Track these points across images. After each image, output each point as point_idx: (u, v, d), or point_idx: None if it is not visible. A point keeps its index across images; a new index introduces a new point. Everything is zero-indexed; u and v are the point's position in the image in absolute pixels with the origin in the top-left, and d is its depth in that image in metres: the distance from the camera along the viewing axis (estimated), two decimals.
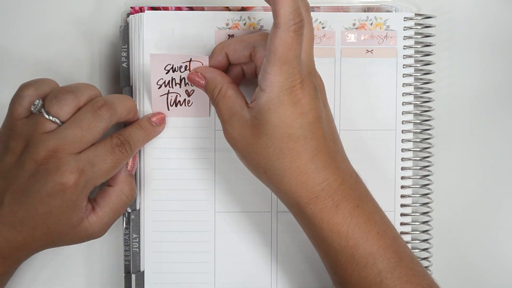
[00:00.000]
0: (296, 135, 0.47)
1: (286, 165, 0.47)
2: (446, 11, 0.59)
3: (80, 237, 0.51)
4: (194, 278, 0.57)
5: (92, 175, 0.50)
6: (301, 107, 0.47)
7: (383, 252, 0.47)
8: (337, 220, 0.47)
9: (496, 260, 0.60)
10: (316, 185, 0.47)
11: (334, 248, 0.48)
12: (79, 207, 0.50)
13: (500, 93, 0.60)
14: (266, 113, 0.47)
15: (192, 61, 0.54)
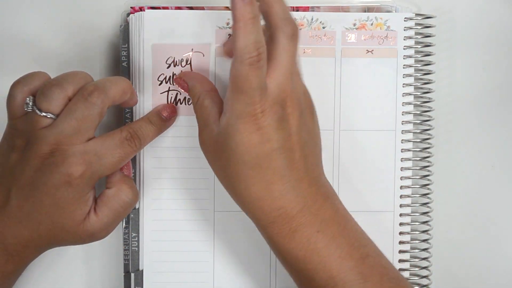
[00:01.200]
0: (252, 163, 0.47)
1: (242, 188, 0.48)
2: (446, 11, 0.59)
3: (81, 236, 0.51)
4: (193, 277, 0.57)
5: (99, 167, 0.50)
6: (260, 136, 0.46)
7: (344, 275, 0.47)
8: (293, 245, 0.47)
9: (496, 260, 0.60)
10: (272, 211, 0.47)
11: (293, 269, 0.48)
12: (84, 200, 0.50)
13: (500, 93, 0.60)
14: (224, 136, 0.47)
15: (193, 52, 0.54)
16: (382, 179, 0.57)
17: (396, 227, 0.57)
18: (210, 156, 0.50)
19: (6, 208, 0.49)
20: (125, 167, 0.54)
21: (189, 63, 0.56)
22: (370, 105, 0.57)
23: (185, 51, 0.56)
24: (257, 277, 0.57)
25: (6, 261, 0.50)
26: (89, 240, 0.52)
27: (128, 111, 0.56)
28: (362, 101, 0.57)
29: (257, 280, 0.57)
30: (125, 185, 0.52)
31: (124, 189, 0.52)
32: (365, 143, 0.57)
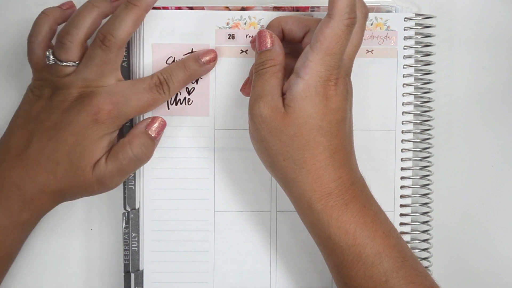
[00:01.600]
0: (326, 129, 0.48)
1: (307, 156, 0.48)
2: (446, 11, 0.59)
3: (91, 182, 0.51)
4: (193, 277, 0.57)
5: (125, 109, 0.51)
6: (332, 103, 0.48)
7: (389, 251, 0.48)
8: (345, 218, 0.48)
9: (496, 260, 0.60)
10: (330, 182, 0.48)
11: (340, 247, 0.48)
12: (105, 141, 0.51)
13: (500, 93, 0.60)
14: (302, 100, 0.48)
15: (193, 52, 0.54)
16: (382, 179, 0.57)
17: (397, 226, 0.57)
18: (269, 128, 0.49)
19: (26, 152, 0.50)
20: (151, 125, 0.54)
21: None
22: (370, 105, 0.57)
23: (185, 51, 0.56)
24: (257, 277, 0.57)
25: (21, 209, 0.50)
26: (98, 188, 0.52)
27: None
28: (362, 101, 0.57)
29: (257, 280, 0.57)
30: (137, 140, 0.53)
31: (134, 143, 0.52)
32: (365, 143, 0.57)
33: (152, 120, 0.54)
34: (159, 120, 0.54)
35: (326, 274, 0.57)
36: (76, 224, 0.59)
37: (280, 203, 0.57)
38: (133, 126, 0.55)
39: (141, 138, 0.53)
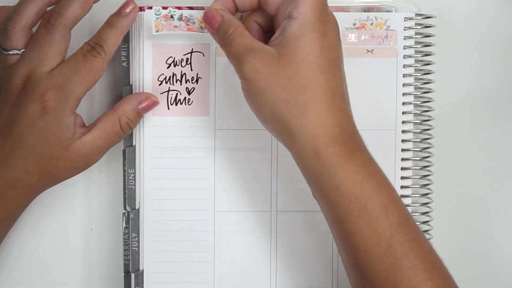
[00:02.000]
0: (324, 67, 0.47)
1: (309, 98, 0.47)
2: (446, 11, 0.59)
3: (73, 160, 0.50)
4: (193, 277, 0.57)
5: (71, 87, 0.50)
6: (329, 40, 0.47)
7: (394, 205, 0.47)
8: (352, 166, 0.47)
9: (496, 260, 0.60)
10: (335, 126, 0.47)
11: (347, 197, 0.46)
12: (66, 124, 0.50)
13: (500, 93, 0.60)
14: (298, 38, 0.47)
15: (193, 52, 0.54)
16: None
17: None
18: (266, 76, 0.47)
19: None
20: (143, 103, 0.53)
21: (189, 63, 0.56)
22: (370, 105, 0.57)
23: (185, 51, 0.56)
24: (258, 277, 0.57)
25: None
26: (83, 165, 0.51)
27: None
28: (362, 101, 0.57)
29: (257, 280, 0.57)
30: (127, 117, 0.52)
31: (124, 120, 0.52)
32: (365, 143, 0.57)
33: (146, 98, 0.53)
34: (152, 98, 0.53)
35: (326, 274, 0.57)
36: (76, 224, 0.59)
37: (280, 203, 0.57)
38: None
39: (131, 116, 0.52)
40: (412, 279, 0.46)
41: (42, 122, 0.49)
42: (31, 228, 0.58)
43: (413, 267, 0.46)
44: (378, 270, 0.46)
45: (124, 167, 0.56)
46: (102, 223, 0.59)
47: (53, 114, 0.49)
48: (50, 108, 0.49)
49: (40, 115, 0.49)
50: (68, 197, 0.58)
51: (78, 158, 0.51)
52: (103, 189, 0.58)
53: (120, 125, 0.52)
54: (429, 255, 0.47)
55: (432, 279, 0.46)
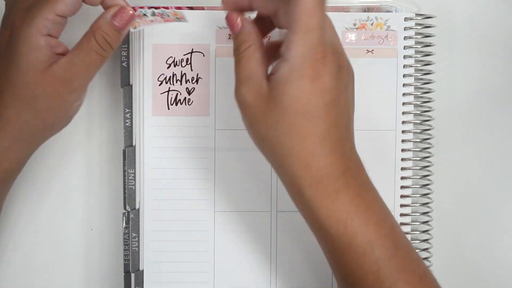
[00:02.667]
0: (310, 113, 0.46)
1: (294, 142, 0.46)
2: (446, 11, 0.59)
3: (51, 84, 0.48)
4: (193, 277, 0.57)
5: (37, 7, 0.48)
6: (321, 84, 0.46)
7: (381, 241, 0.47)
8: (336, 206, 0.46)
9: (496, 260, 0.60)
10: (320, 169, 0.46)
11: (331, 235, 0.47)
12: (34, 45, 0.48)
13: (500, 93, 0.60)
14: (286, 83, 0.46)
15: (193, 52, 0.54)
16: (382, 179, 0.57)
17: None
18: (255, 113, 0.47)
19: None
20: (116, 15, 0.49)
21: (189, 63, 0.56)
22: (370, 105, 0.57)
23: (185, 51, 0.56)
24: (258, 277, 0.57)
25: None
26: (64, 90, 0.49)
27: (128, 111, 0.56)
28: (362, 101, 0.56)
29: (257, 280, 0.57)
30: (101, 31, 0.49)
31: (98, 34, 0.49)
32: (365, 143, 0.57)
33: (119, 10, 0.50)
34: (126, 10, 0.50)
35: (326, 274, 0.57)
36: (76, 224, 0.59)
37: (280, 203, 0.57)
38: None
39: (106, 29, 0.49)
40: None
41: (11, 47, 0.48)
42: (31, 228, 0.58)
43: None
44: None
45: (124, 167, 0.56)
46: (102, 223, 0.59)
47: (18, 33, 0.48)
48: (16, 28, 0.48)
49: (9, 38, 0.48)
50: (68, 197, 0.58)
51: (55, 82, 0.48)
52: (103, 189, 0.58)
53: (95, 39, 0.49)
54: (420, 281, 0.47)
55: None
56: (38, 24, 0.48)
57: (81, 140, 0.58)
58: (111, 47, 0.50)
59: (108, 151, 0.58)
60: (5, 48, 0.49)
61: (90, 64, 0.49)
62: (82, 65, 0.49)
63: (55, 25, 0.49)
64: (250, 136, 0.49)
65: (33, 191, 0.58)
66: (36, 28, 0.48)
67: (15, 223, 0.58)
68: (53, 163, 0.58)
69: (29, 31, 0.48)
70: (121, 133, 0.57)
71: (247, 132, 0.49)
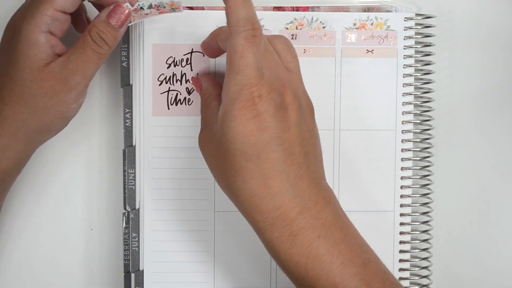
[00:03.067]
0: (248, 153, 0.45)
1: (239, 184, 0.45)
2: (446, 11, 0.59)
3: (48, 81, 0.48)
4: (193, 277, 0.57)
5: (36, 4, 0.48)
6: (258, 123, 0.45)
7: (347, 282, 0.45)
8: (294, 251, 0.45)
9: (496, 260, 0.60)
10: (270, 211, 0.45)
11: (294, 277, 0.46)
12: (33, 41, 0.48)
13: (500, 93, 0.60)
14: (221, 126, 0.46)
15: (193, 52, 0.54)
16: (382, 179, 0.57)
17: (397, 227, 0.57)
18: (207, 154, 0.48)
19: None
20: (111, 13, 0.50)
21: (189, 63, 0.56)
22: (370, 105, 0.57)
23: (185, 51, 0.56)
24: (258, 277, 0.57)
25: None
26: (61, 87, 0.49)
27: (128, 111, 0.56)
28: (362, 101, 0.57)
29: (257, 280, 0.57)
30: (96, 28, 0.49)
31: (93, 31, 0.49)
32: (365, 143, 0.57)
33: (114, 8, 0.50)
34: (121, 8, 0.50)
35: None
36: (76, 224, 0.59)
37: None
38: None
39: (100, 27, 0.49)
40: None
41: (12, 44, 0.49)
42: (31, 227, 0.58)
43: None
44: None
45: (124, 167, 0.56)
46: (102, 223, 0.59)
47: (19, 30, 0.48)
48: (17, 25, 0.48)
49: (11, 38, 0.49)
50: (68, 197, 0.58)
51: (52, 79, 0.48)
52: (103, 189, 0.58)
53: (90, 36, 0.49)
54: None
55: None
56: (38, 20, 0.48)
57: (81, 140, 0.58)
58: (107, 44, 0.50)
59: (108, 151, 0.58)
60: (7, 46, 0.49)
61: (86, 60, 0.49)
62: (78, 61, 0.49)
63: (56, 22, 0.49)
64: None
65: (33, 191, 0.58)
66: (35, 24, 0.48)
67: (15, 223, 0.58)
68: (53, 163, 0.58)
69: (29, 27, 0.48)
70: (121, 133, 0.57)
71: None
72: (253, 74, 0.45)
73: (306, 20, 0.56)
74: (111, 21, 0.49)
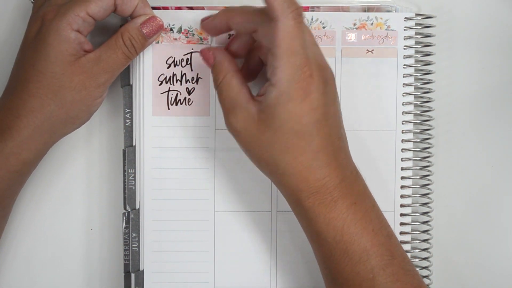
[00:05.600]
0: (302, 132, 0.47)
1: (288, 160, 0.47)
2: (446, 11, 0.59)
3: (79, 75, 0.50)
4: (193, 277, 0.57)
5: (70, 5, 0.50)
6: (310, 103, 0.46)
7: (376, 249, 0.47)
8: (333, 215, 0.47)
9: (496, 259, 0.60)
10: (317, 181, 0.47)
11: (328, 242, 0.48)
12: (64, 37, 0.50)
13: (500, 93, 0.60)
14: (275, 107, 0.47)
15: (193, 52, 0.54)
16: (382, 179, 0.57)
17: (397, 226, 0.57)
18: (244, 135, 0.49)
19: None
20: (145, 23, 0.53)
21: (189, 63, 0.56)
22: (370, 105, 0.57)
23: (185, 51, 0.56)
24: (258, 277, 0.57)
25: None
26: (90, 83, 0.51)
27: (128, 111, 0.56)
28: (362, 101, 0.57)
29: (257, 280, 0.57)
30: (129, 34, 0.52)
31: (126, 35, 0.52)
32: (365, 143, 0.57)
33: (149, 19, 0.53)
34: (155, 20, 0.53)
35: None
36: (76, 224, 0.59)
37: (280, 203, 0.57)
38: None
39: (133, 33, 0.52)
40: None
41: (40, 36, 0.50)
42: (31, 228, 0.58)
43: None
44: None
45: (124, 167, 0.56)
46: (102, 223, 0.59)
47: (49, 25, 0.50)
48: (47, 20, 0.50)
49: (39, 29, 0.50)
50: (68, 197, 0.58)
51: (83, 74, 0.51)
52: (103, 189, 0.58)
53: (122, 39, 0.52)
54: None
55: None
56: (70, 19, 0.50)
57: (81, 140, 0.58)
58: (136, 50, 0.53)
59: (108, 151, 0.58)
60: (33, 38, 0.51)
61: (116, 62, 0.52)
62: (109, 62, 0.52)
63: (85, 24, 0.51)
64: (248, 157, 0.50)
65: (33, 191, 0.58)
66: (67, 22, 0.50)
67: (15, 223, 0.58)
68: (53, 163, 0.58)
69: (60, 23, 0.50)
70: (121, 133, 0.57)
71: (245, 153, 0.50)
72: (304, 54, 0.46)
73: (306, 20, 0.56)
74: (144, 30, 0.52)
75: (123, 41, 0.52)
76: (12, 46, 0.56)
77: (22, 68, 0.51)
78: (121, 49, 0.52)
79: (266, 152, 0.48)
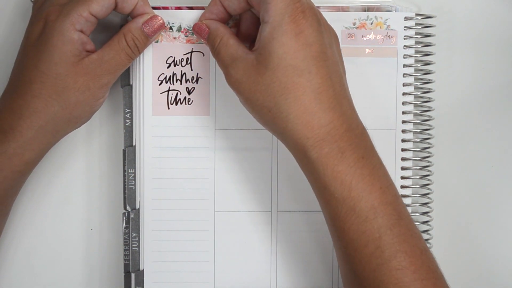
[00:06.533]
0: (300, 68, 0.47)
1: (290, 101, 0.47)
2: (446, 11, 0.59)
3: (82, 76, 0.51)
4: (193, 277, 0.57)
5: (72, 5, 0.50)
6: (304, 38, 0.47)
7: (384, 207, 0.46)
8: (341, 168, 0.47)
9: (496, 260, 0.60)
10: (321, 127, 0.47)
11: (335, 198, 0.47)
12: (68, 37, 0.50)
13: (500, 93, 0.60)
14: (270, 43, 0.47)
15: (193, 52, 0.54)
16: None
17: None
18: (245, 86, 0.48)
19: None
20: (147, 22, 0.53)
21: (189, 63, 0.56)
22: (370, 105, 0.57)
23: (185, 50, 0.56)
24: (258, 277, 0.57)
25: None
26: (94, 84, 0.51)
27: (128, 111, 0.56)
28: (362, 101, 0.57)
29: (257, 280, 0.57)
30: (131, 34, 0.52)
31: (129, 36, 0.52)
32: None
33: (151, 18, 0.53)
34: (156, 19, 0.53)
35: (326, 274, 0.57)
36: (76, 224, 0.59)
37: (280, 203, 0.57)
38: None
39: (136, 33, 0.52)
40: (400, 279, 0.46)
41: (43, 37, 0.50)
42: (31, 227, 0.58)
43: (402, 268, 0.46)
44: (366, 269, 0.46)
45: (124, 167, 0.56)
46: (102, 223, 0.59)
47: (52, 26, 0.50)
48: (50, 21, 0.50)
49: (42, 30, 0.50)
50: (68, 197, 0.58)
51: (87, 75, 0.51)
52: (103, 189, 0.58)
53: (125, 40, 0.52)
54: (421, 255, 0.47)
55: (421, 280, 0.46)
56: (73, 19, 0.50)
57: (81, 140, 0.58)
58: (139, 50, 0.53)
59: (108, 151, 0.58)
60: (37, 39, 0.51)
61: (119, 62, 0.52)
62: (112, 62, 0.52)
63: (87, 24, 0.51)
64: (250, 113, 0.50)
65: (33, 191, 0.58)
66: (70, 23, 0.50)
67: (15, 223, 0.58)
68: (53, 163, 0.58)
69: (64, 24, 0.50)
70: (121, 133, 0.57)
71: (247, 110, 0.50)
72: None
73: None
74: (146, 29, 0.53)
75: (126, 42, 0.52)
76: (12, 46, 0.57)
77: (24, 69, 0.51)
78: (124, 50, 0.52)
79: (267, 95, 0.47)
